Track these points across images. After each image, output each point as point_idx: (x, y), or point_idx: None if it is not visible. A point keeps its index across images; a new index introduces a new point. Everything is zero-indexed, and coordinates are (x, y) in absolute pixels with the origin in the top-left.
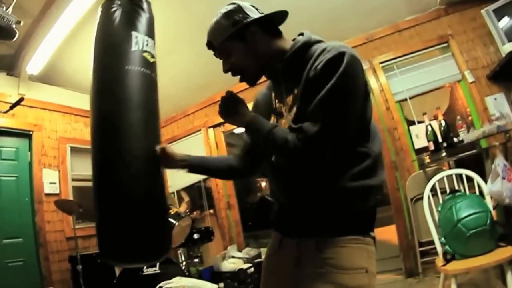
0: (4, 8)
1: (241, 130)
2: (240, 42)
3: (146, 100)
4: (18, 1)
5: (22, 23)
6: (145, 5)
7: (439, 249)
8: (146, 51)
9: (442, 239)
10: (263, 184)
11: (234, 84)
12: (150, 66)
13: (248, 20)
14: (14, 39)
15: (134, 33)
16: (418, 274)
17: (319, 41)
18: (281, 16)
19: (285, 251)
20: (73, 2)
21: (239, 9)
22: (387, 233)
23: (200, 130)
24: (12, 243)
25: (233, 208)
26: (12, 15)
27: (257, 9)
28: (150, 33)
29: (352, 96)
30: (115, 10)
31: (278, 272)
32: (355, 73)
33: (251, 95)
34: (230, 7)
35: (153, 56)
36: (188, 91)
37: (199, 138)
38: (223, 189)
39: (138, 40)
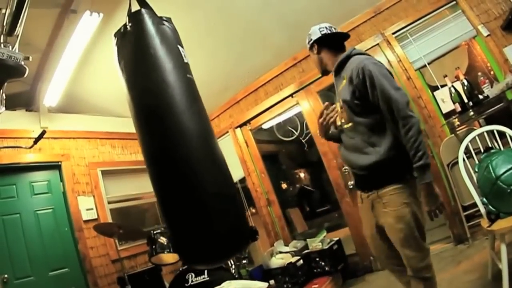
0: (10, 47)
1: (268, 124)
2: (314, 55)
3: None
4: (24, 38)
5: (31, 59)
6: (169, 20)
7: (482, 210)
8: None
9: (484, 199)
10: (302, 175)
11: (253, 81)
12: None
13: (311, 41)
14: (25, 75)
15: (179, 47)
16: (467, 239)
17: (357, 53)
18: (342, 36)
19: (364, 202)
20: (76, 30)
21: (309, 35)
22: None
23: (227, 132)
24: (59, 274)
25: (273, 204)
26: (19, 53)
27: (325, 28)
28: (182, 45)
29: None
30: (152, 25)
31: (364, 215)
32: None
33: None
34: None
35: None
36: (209, 95)
37: (228, 139)
38: (260, 187)
39: (185, 54)
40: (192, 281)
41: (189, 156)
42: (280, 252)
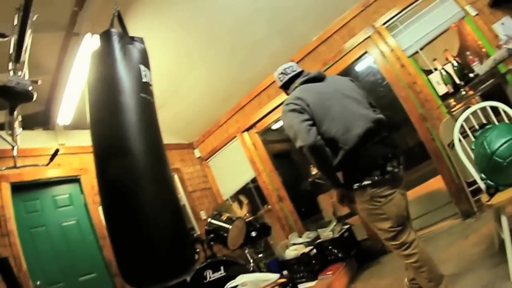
0: (20, 73)
1: (277, 125)
2: None
3: (156, 123)
4: (34, 61)
5: (40, 82)
6: (140, 40)
7: (482, 186)
8: (150, 84)
9: (482, 175)
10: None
11: (255, 86)
12: (152, 94)
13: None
14: (34, 99)
15: (141, 66)
16: (474, 213)
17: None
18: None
19: None
20: (80, 51)
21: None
22: (435, 184)
23: (235, 136)
24: (88, 279)
25: (284, 199)
26: (27, 79)
27: (281, 74)
28: (148, 64)
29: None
30: (118, 44)
31: None
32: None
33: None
34: None
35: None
36: (215, 103)
37: (237, 144)
38: (270, 185)
39: (147, 73)
40: (210, 277)
41: (135, 184)
42: (294, 244)
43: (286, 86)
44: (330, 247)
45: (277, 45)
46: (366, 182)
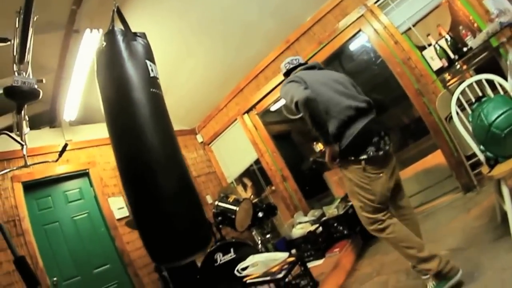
0: (24, 73)
1: (275, 106)
2: None
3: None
4: (37, 61)
5: (44, 81)
6: (143, 36)
7: (481, 158)
8: (157, 78)
9: (481, 147)
10: (318, 148)
11: (252, 68)
12: (160, 87)
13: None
14: (40, 97)
15: (148, 62)
16: (474, 186)
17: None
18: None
19: None
20: (81, 47)
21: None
22: (435, 159)
23: (236, 119)
24: (102, 270)
25: (288, 179)
26: (32, 78)
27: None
28: (153, 59)
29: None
30: (122, 43)
31: None
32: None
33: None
34: None
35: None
36: (214, 87)
37: (238, 126)
38: (274, 165)
39: (153, 68)
40: (220, 260)
41: (146, 167)
42: (300, 223)
43: (288, 74)
44: (335, 224)
45: (270, 26)
46: (362, 157)
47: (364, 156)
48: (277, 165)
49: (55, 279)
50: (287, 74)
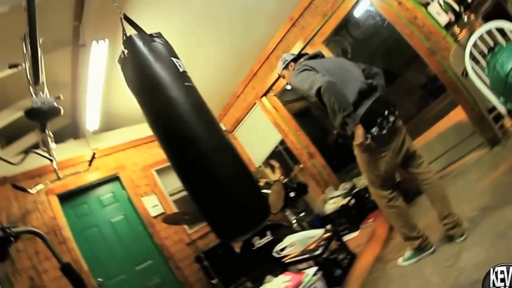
0: (41, 93)
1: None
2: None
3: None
4: (50, 80)
5: (62, 97)
6: (159, 35)
7: (502, 110)
8: (186, 71)
9: (501, 99)
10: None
11: (262, 50)
12: (191, 79)
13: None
14: (62, 113)
15: (173, 59)
16: (499, 140)
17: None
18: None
19: None
20: (91, 59)
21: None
22: (456, 116)
23: (255, 103)
24: (145, 267)
25: (315, 155)
26: (50, 97)
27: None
28: (176, 54)
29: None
30: (144, 46)
31: None
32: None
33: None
34: None
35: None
36: (229, 75)
37: (258, 110)
38: (299, 143)
39: (180, 63)
40: (258, 244)
41: (201, 156)
42: (332, 197)
43: (287, 66)
44: (367, 195)
45: (271, 6)
46: (367, 136)
47: (368, 135)
48: (302, 143)
49: (100, 280)
50: (286, 67)
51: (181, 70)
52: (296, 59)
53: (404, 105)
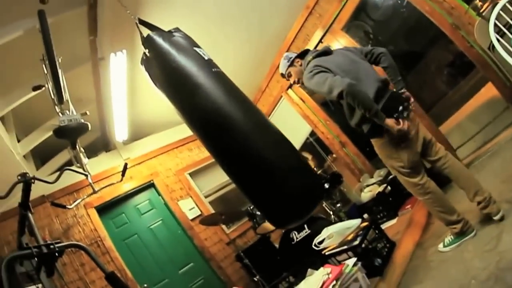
0: (67, 111)
1: None
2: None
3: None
4: (74, 96)
5: (88, 112)
6: (177, 30)
7: None
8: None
9: None
10: None
11: (282, 42)
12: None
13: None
14: (90, 129)
15: (196, 49)
16: None
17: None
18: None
19: None
20: (112, 71)
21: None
22: (487, 93)
23: (281, 97)
24: (187, 269)
25: (347, 144)
26: (76, 114)
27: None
28: (198, 45)
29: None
30: (164, 42)
31: None
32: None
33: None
34: None
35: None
36: (251, 71)
37: (285, 103)
38: (329, 133)
39: (204, 52)
40: (296, 237)
41: (245, 139)
42: (367, 185)
43: (292, 64)
44: None
45: None
46: (385, 133)
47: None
48: (332, 133)
49: (145, 285)
50: (291, 64)
51: (206, 58)
52: (300, 55)
53: (431, 85)
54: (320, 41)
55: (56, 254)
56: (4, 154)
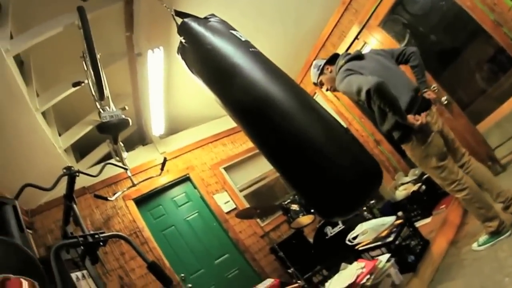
0: (108, 107)
1: None
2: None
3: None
4: (112, 92)
5: (127, 108)
6: (212, 16)
7: None
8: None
9: None
10: None
11: (316, 38)
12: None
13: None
14: (130, 124)
15: (232, 31)
16: None
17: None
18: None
19: None
20: (149, 67)
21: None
22: None
23: (315, 93)
24: (223, 260)
25: (382, 142)
26: (117, 110)
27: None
28: (235, 29)
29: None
30: (199, 26)
31: None
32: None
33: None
34: None
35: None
36: (285, 67)
37: (320, 100)
38: (364, 131)
39: (241, 34)
40: (330, 233)
41: (288, 118)
42: (402, 184)
43: (322, 72)
44: None
45: None
46: (412, 135)
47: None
48: (367, 130)
49: (182, 275)
50: (321, 73)
51: (243, 39)
52: (330, 61)
53: (469, 82)
54: (356, 37)
55: (101, 243)
56: (47, 148)
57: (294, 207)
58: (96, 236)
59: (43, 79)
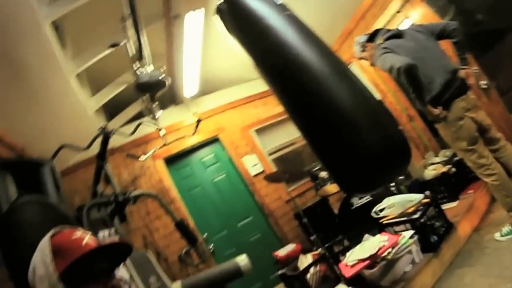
0: (146, 67)
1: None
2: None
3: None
4: (148, 51)
5: (163, 68)
6: None
7: None
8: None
9: None
10: None
11: (355, 10)
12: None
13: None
14: (167, 85)
15: None
16: None
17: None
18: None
19: None
20: (187, 29)
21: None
22: None
23: (351, 62)
24: (246, 223)
25: (415, 118)
26: (156, 70)
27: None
28: None
29: None
30: None
31: None
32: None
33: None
34: None
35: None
36: (324, 32)
37: (355, 69)
38: (398, 105)
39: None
40: (356, 203)
41: (319, 83)
42: (432, 164)
43: (364, 49)
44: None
45: None
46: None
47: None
48: (401, 105)
49: (205, 235)
50: (364, 49)
51: (278, 2)
52: (370, 38)
53: (509, 67)
54: (398, 11)
55: (131, 201)
56: (78, 109)
57: (323, 174)
58: (127, 194)
59: (80, 40)
